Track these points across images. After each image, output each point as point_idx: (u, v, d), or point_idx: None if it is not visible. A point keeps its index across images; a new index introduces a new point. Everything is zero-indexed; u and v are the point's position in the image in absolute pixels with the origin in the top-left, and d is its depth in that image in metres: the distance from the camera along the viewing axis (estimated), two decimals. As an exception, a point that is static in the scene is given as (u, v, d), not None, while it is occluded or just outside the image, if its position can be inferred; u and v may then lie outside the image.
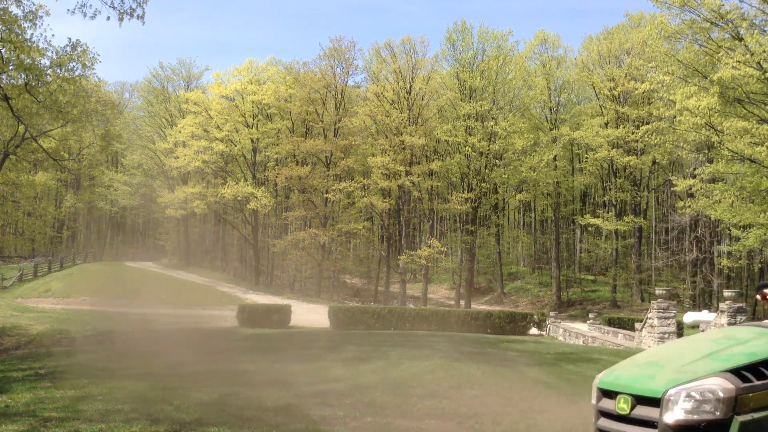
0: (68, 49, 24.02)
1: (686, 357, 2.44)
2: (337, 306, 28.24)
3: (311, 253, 44.08)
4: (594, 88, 44.14)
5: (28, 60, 21.97)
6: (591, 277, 51.73)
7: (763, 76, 23.49)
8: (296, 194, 46.16)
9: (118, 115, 49.11)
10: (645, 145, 40.66)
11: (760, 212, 25.90)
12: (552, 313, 30.83)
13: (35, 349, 16.68)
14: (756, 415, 2.19)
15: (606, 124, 42.52)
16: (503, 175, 43.43)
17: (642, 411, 2.31)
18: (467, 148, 41.05)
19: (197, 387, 8.59)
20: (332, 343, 15.96)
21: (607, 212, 43.71)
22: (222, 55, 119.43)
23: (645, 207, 47.23)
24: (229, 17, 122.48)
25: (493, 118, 41.41)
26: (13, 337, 20.73)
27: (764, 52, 23.10)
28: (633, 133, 40.31)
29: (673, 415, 2.22)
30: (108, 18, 22.44)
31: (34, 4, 27.18)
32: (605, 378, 2.47)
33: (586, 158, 45.44)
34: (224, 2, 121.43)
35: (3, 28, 21.01)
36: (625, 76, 40.75)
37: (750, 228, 28.27)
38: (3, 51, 21.66)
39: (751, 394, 2.22)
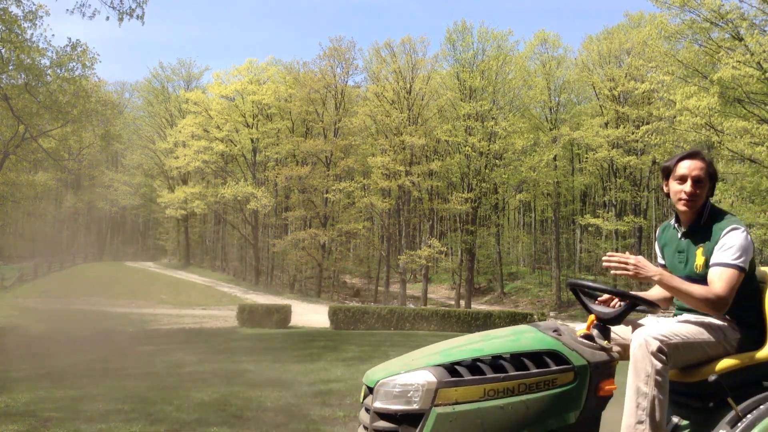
0: (68, 49, 24.06)
1: (426, 352, 2.66)
2: (337, 306, 28.22)
3: (311, 253, 44.08)
4: (594, 88, 44.14)
5: (28, 60, 22.01)
6: (591, 277, 51.72)
7: (763, 76, 23.49)
8: (296, 194, 46.16)
9: (118, 115, 48.97)
10: (645, 145, 40.64)
11: (760, 212, 25.91)
12: (552, 313, 30.85)
13: (35, 349, 16.68)
14: (458, 408, 2.35)
15: (606, 124, 42.52)
16: (503, 175, 43.44)
17: (367, 400, 2.55)
18: (467, 148, 41.05)
19: (197, 387, 8.59)
20: (332, 343, 15.97)
21: (607, 212, 43.72)
22: (222, 55, 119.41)
23: (645, 207, 47.23)
24: (229, 17, 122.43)
25: (493, 118, 41.42)
26: (13, 337, 20.71)
27: (764, 52, 23.10)
28: (633, 133, 40.30)
29: (377, 403, 2.43)
30: (107, 18, 22.56)
31: (34, 4, 27.20)
32: (367, 372, 2.71)
33: (586, 158, 45.44)
34: (224, 2, 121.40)
35: (3, 28, 21.02)
36: (625, 76, 40.74)
37: (750, 228, 28.29)
38: (3, 51, 21.67)
39: (455, 389, 2.37)
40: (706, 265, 2.71)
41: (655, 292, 3.03)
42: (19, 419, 6.11)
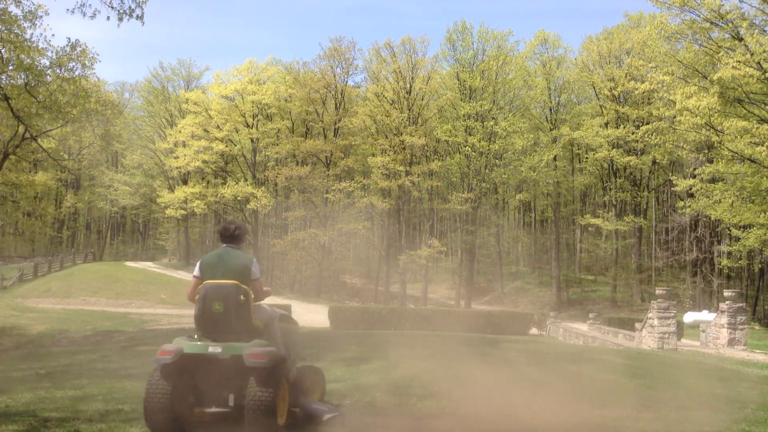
0: (68, 49, 23.95)
1: None
2: (337, 306, 28.23)
3: (311, 253, 44.07)
4: (594, 88, 44.15)
5: (28, 60, 21.94)
6: (591, 277, 51.72)
7: (763, 76, 23.49)
8: (296, 194, 46.14)
9: (118, 115, 48.90)
10: (645, 145, 40.66)
11: (760, 212, 25.91)
12: (552, 313, 30.82)
13: (35, 349, 16.67)
14: None
15: (606, 124, 42.52)
16: (503, 175, 43.42)
17: None
18: (467, 148, 41.04)
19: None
20: (332, 343, 15.95)
21: (607, 212, 43.72)
22: (222, 55, 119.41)
23: (645, 207, 47.24)
24: (229, 17, 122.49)
25: (493, 118, 41.41)
26: (13, 337, 20.72)
27: (764, 52, 23.10)
28: (633, 133, 40.31)
29: None
30: (107, 18, 22.49)
31: (33, 4, 27.19)
32: None
33: (586, 158, 45.45)
34: (224, 2, 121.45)
35: (3, 28, 20.99)
36: (625, 76, 40.75)
37: (750, 228, 28.29)
38: (3, 51, 21.65)
39: None
40: None
41: None
42: (19, 419, 6.11)
